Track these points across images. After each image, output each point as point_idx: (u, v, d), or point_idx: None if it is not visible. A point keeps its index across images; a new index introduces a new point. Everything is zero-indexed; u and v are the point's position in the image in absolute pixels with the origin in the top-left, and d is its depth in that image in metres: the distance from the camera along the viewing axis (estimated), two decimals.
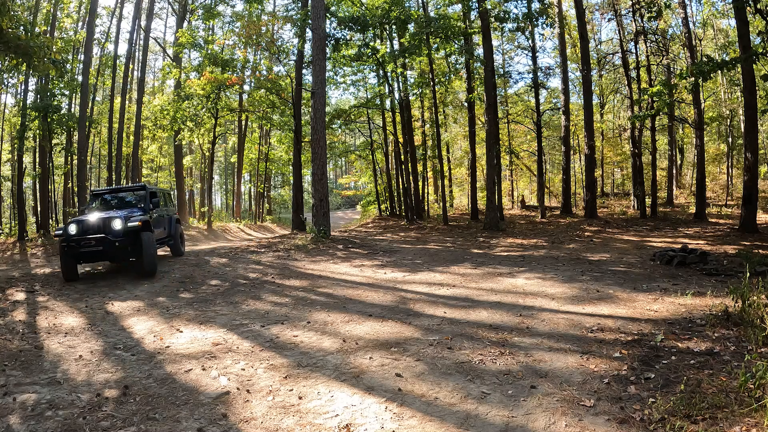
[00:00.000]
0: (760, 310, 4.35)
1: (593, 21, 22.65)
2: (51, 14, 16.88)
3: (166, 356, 4.21)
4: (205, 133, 20.74)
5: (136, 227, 7.97)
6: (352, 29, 15.84)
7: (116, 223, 7.89)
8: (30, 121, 16.10)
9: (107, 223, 7.93)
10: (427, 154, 21.75)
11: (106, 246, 7.80)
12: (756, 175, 12.24)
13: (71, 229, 7.81)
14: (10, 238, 15.67)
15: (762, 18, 10.67)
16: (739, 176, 21.14)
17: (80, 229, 7.85)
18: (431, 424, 2.88)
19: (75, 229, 7.83)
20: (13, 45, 10.23)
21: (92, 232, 7.81)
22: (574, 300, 5.80)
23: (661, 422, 2.72)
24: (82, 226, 7.88)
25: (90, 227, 7.89)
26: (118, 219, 7.91)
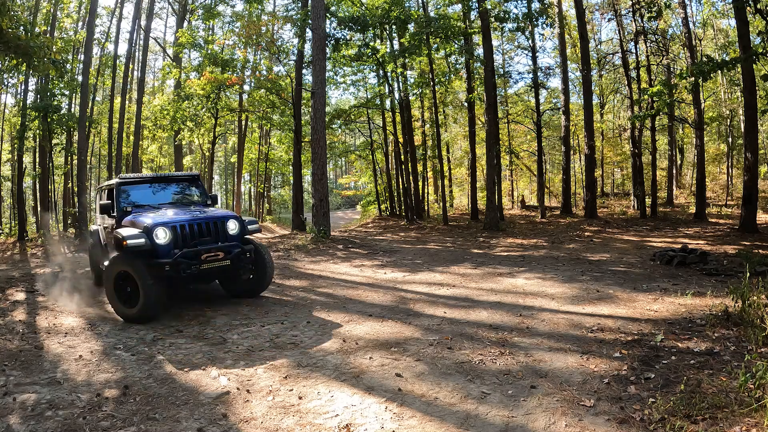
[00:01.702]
0: (760, 310, 4.35)
1: (593, 21, 22.65)
2: (51, 14, 16.87)
3: (166, 356, 4.21)
4: (205, 133, 20.73)
5: (257, 230, 6.44)
6: (352, 29, 15.83)
7: (231, 226, 5.99)
8: (30, 121, 16.09)
9: (220, 226, 5.90)
10: (427, 154, 21.74)
11: (234, 260, 5.82)
12: (756, 175, 12.24)
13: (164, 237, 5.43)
14: (10, 238, 15.67)
15: (762, 18, 10.66)
16: (739, 176, 21.14)
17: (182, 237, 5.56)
18: (431, 424, 2.88)
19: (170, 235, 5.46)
20: (13, 45, 10.22)
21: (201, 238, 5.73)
22: (574, 300, 5.80)
23: (661, 422, 2.72)
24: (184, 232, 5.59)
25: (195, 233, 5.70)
26: (233, 220, 6.06)
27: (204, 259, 5.57)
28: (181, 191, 7.14)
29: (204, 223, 5.79)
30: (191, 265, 5.47)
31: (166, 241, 5.43)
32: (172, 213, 6.01)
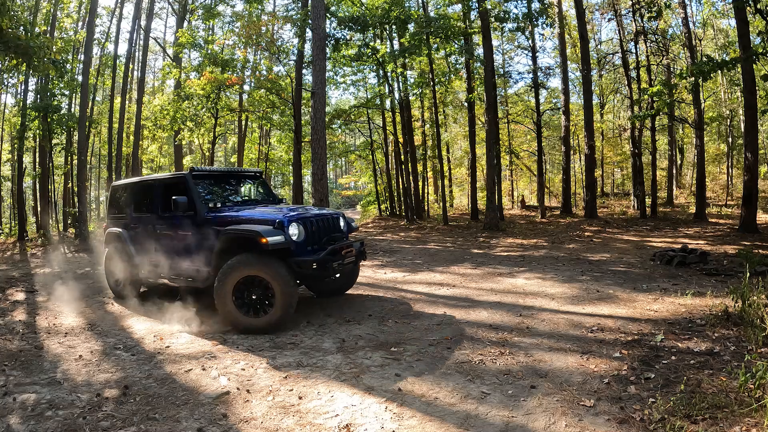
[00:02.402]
0: (760, 310, 4.35)
1: (593, 21, 22.65)
2: (51, 14, 16.87)
3: (166, 356, 4.21)
4: (205, 133, 20.72)
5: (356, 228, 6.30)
6: (352, 29, 15.83)
7: (341, 223, 5.87)
8: (30, 121, 16.09)
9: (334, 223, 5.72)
10: (427, 154, 21.75)
11: (358, 256, 5.76)
12: (756, 175, 12.23)
13: (298, 234, 5.01)
14: (10, 238, 15.67)
15: (762, 18, 10.66)
16: (739, 176, 21.15)
17: (311, 233, 5.21)
18: (431, 424, 2.88)
19: (303, 232, 5.09)
20: (13, 45, 10.23)
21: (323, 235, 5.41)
22: (574, 300, 5.80)
23: (661, 422, 2.72)
24: (312, 229, 5.25)
25: (321, 229, 5.41)
26: (342, 217, 5.95)
27: (344, 255, 5.35)
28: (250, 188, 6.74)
29: (324, 219, 5.52)
30: (335, 263, 5.14)
31: (301, 238, 5.01)
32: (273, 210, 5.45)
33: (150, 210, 6.08)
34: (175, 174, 6.11)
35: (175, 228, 5.71)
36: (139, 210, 6.32)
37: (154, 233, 5.98)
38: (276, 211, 5.31)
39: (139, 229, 6.23)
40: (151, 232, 6.03)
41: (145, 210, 6.21)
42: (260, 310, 4.85)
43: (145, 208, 6.25)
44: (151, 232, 6.01)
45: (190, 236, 5.51)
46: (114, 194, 6.99)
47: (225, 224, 5.20)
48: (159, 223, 5.92)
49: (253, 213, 5.30)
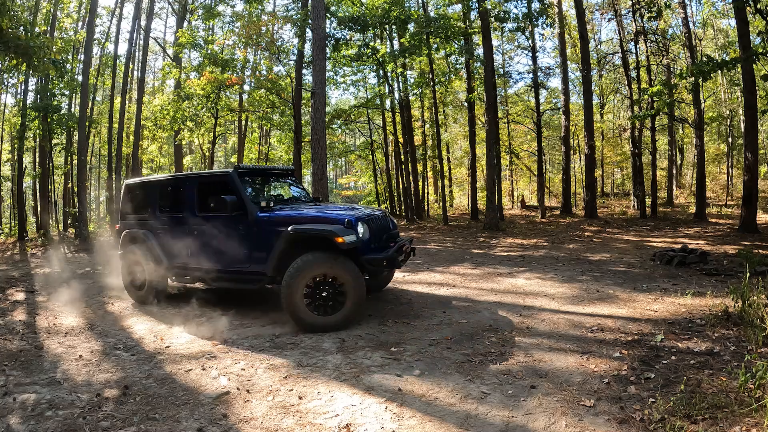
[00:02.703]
0: (760, 310, 4.35)
1: (593, 21, 22.66)
2: (51, 14, 16.87)
3: (166, 356, 4.21)
4: (205, 133, 20.72)
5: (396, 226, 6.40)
6: (352, 29, 15.83)
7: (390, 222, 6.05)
8: (30, 121, 16.10)
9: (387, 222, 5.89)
10: (427, 154, 21.76)
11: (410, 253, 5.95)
12: (756, 175, 12.24)
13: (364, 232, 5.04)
14: (10, 238, 15.67)
15: (762, 18, 10.66)
16: (739, 176, 21.15)
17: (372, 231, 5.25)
18: (431, 424, 2.88)
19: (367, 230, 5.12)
20: (13, 45, 10.23)
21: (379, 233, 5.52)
22: (574, 300, 5.80)
23: (661, 422, 2.72)
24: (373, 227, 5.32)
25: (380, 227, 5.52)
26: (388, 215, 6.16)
27: (406, 251, 5.45)
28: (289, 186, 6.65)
29: (380, 218, 5.57)
30: (399, 259, 5.20)
31: (367, 236, 5.04)
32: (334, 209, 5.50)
33: (181, 209, 5.86)
34: (216, 171, 6.19)
35: (218, 228, 5.51)
36: (165, 209, 6.06)
37: (190, 234, 5.73)
38: (337, 210, 5.38)
39: (167, 229, 5.96)
40: (184, 232, 5.79)
41: (175, 209, 5.97)
42: (330, 308, 4.86)
43: (173, 207, 6.00)
44: (185, 233, 5.77)
45: (239, 236, 5.36)
46: (130, 193, 6.60)
47: (286, 223, 5.09)
48: (196, 223, 5.68)
49: (317, 212, 5.27)
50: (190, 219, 5.75)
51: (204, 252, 5.62)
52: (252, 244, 5.29)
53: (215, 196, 5.58)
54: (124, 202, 6.62)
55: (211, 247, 5.56)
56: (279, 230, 5.10)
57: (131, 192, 6.62)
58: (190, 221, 5.75)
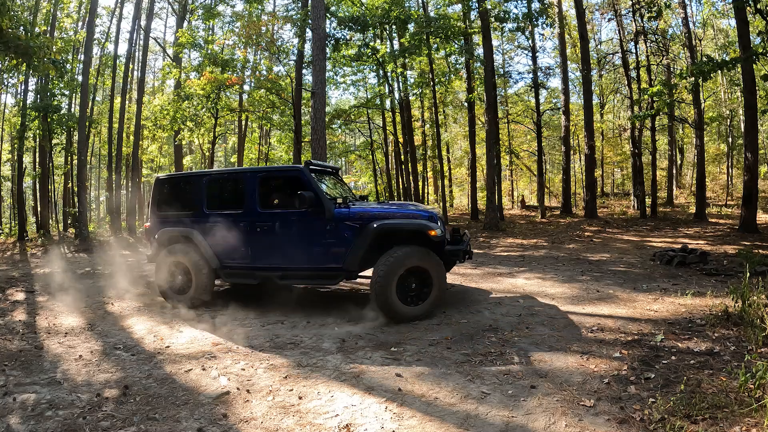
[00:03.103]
0: (760, 310, 4.35)
1: (593, 21, 22.67)
2: (51, 14, 16.88)
3: (166, 356, 4.21)
4: (205, 133, 20.72)
5: None
6: (352, 29, 15.84)
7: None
8: (30, 121, 16.11)
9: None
10: (427, 154, 21.77)
11: None
12: (756, 175, 12.24)
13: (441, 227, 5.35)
14: (10, 238, 15.67)
15: (762, 18, 10.66)
16: (739, 176, 21.15)
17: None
18: (431, 424, 2.88)
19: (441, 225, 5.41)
20: (13, 45, 10.22)
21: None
22: (574, 300, 5.80)
23: (661, 422, 2.72)
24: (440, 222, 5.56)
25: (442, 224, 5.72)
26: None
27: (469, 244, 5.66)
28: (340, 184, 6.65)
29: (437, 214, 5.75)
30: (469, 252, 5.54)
31: (443, 229, 5.34)
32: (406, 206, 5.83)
33: (239, 206, 5.69)
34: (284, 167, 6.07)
35: (290, 225, 5.46)
36: (215, 206, 5.82)
37: (252, 231, 5.55)
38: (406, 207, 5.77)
39: (219, 227, 5.68)
40: (244, 230, 5.58)
41: (229, 206, 5.79)
42: (417, 298, 5.08)
43: (227, 203, 5.84)
44: (246, 231, 5.58)
45: (314, 233, 5.35)
46: (165, 189, 6.18)
47: (365, 220, 5.20)
48: (260, 220, 5.53)
49: (395, 209, 5.58)
50: (251, 216, 5.57)
51: (272, 250, 5.53)
52: (328, 240, 5.30)
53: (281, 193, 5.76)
54: (158, 199, 6.14)
55: (281, 245, 5.49)
56: (357, 226, 5.21)
57: (167, 188, 6.20)
58: (251, 218, 5.57)
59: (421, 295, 5.10)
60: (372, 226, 5.11)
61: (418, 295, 5.10)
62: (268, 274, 5.61)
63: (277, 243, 5.51)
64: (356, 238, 5.18)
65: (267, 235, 5.52)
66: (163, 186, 6.22)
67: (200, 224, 5.80)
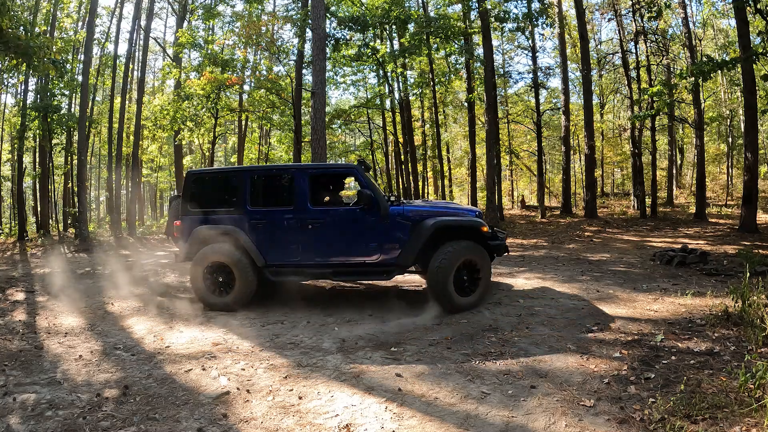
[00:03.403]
0: (760, 310, 4.35)
1: (593, 21, 22.66)
2: (51, 14, 16.87)
3: (166, 356, 4.21)
4: (205, 133, 20.72)
5: None
6: (352, 29, 15.84)
7: None
8: (30, 121, 16.10)
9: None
10: (427, 154, 21.77)
11: None
12: (756, 175, 12.24)
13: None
14: (10, 238, 15.67)
15: (762, 18, 10.66)
16: (739, 176, 21.15)
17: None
18: (431, 424, 2.88)
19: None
20: (13, 45, 10.22)
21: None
22: (574, 300, 5.80)
23: (661, 422, 2.72)
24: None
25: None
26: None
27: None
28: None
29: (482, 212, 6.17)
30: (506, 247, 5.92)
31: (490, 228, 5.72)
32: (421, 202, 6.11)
33: (288, 202, 5.65)
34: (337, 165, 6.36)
35: (344, 221, 5.56)
36: (260, 203, 5.71)
37: (303, 228, 5.54)
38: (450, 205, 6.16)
39: (266, 225, 5.61)
40: (295, 227, 5.55)
41: (277, 202, 5.76)
42: (468, 290, 5.43)
43: (274, 200, 5.79)
44: (297, 228, 5.55)
45: (370, 229, 5.49)
46: (200, 185, 5.98)
47: (422, 217, 5.48)
48: (312, 217, 5.54)
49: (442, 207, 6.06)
50: (303, 213, 5.55)
51: (324, 247, 5.57)
52: (383, 236, 5.47)
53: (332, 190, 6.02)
54: (191, 195, 5.82)
55: (334, 242, 5.55)
56: (410, 223, 5.48)
57: (201, 183, 6.01)
58: (303, 215, 5.55)
59: (471, 286, 5.45)
60: (429, 222, 5.37)
61: (470, 286, 5.45)
62: (319, 271, 5.66)
63: (331, 240, 5.54)
64: (411, 234, 5.42)
65: (319, 232, 5.53)
66: (197, 181, 5.99)
67: (244, 221, 5.64)
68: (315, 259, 5.60)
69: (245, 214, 5.65)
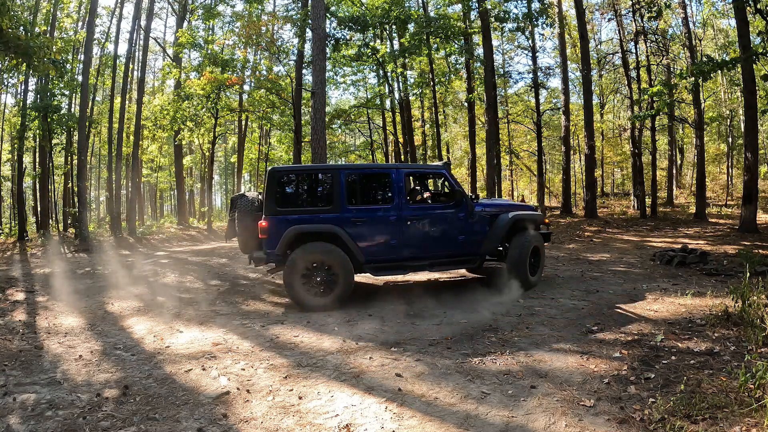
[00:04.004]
0: (760, 310, 4.35)
1: (593, 21, 22.64)
2: (51, 14, 16.86)
3: (166, 356, 4.21)
4: (205, 133, 20.73)
5: None
6: (352, 29, 15.85)
7: None
8: (30, 121, 16.09)
9: None
10: (427, 154, 21.77)
11: None
12: (756, 175, 12.24)
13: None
14: (10, 238, 15.66)
15: (762, 18, 10.66)
16: (739, 176, 21.15)
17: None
18: (431, 424, 2.88)
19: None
20: (13, 45, 10.22)
21: None
22: (574, 300, 5.80)
23: (661, 422, 2.72)
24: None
25: None
26: None
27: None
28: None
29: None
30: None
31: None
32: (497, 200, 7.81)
33: (385, 201, 6.04)
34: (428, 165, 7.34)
35: (439, 218, 6.13)
36: (356, 201, 5.82)
37: (402, 225, 5.86)
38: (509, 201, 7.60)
39: (365, 223, 5.77)
40: (393, 224, 5.84)
41: (374, 201, 6.11)
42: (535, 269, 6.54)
43: (370, 199, 6.11)
44: (396, 225, 5.84)
45: (460, 224, 6.18)
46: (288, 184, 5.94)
47: (498, 212, 6.46)
48: (410, 215, 5.93)
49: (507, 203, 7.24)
50: (401, 211, 5.90)
51: (421, 242, 6.00)
52: (470, 230, 6.24)
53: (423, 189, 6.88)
54: (278, 194, 5.68)
55: (430, 237, 6.05)
56: (489, 217, 6.37)
57: (290, 182, 5.95)
58: (401, 213, 5.89)
59: (535, 267, 6.53)
60: (507, 216, 6.34)
61: (535, 267, 6.51)
62: (417, 264, 6.08)
63: (427, 235, 6.03)
64: (490, 227, 6.31)
65: (416, 228, 5.97)
66: (283, 180, 5.87)
67: (342, 220, 5.67)
68: (414, 254, 5.98)
69: (344, 212, 5.70)
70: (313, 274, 5.60)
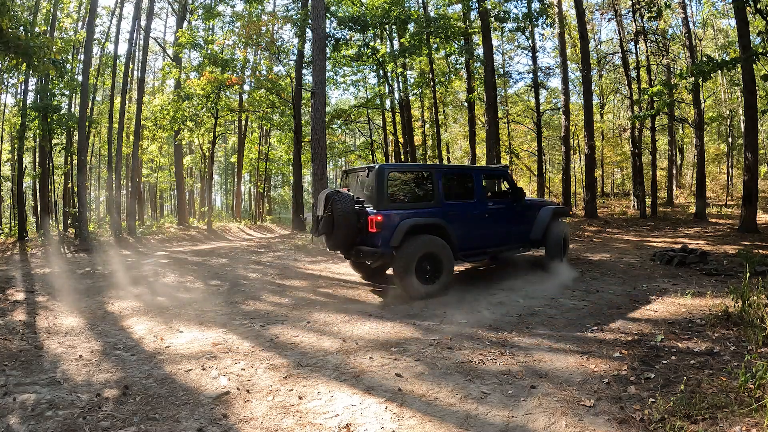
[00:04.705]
0: (760, 310, 4.35)
1: (593, 21, 22.65)
2: (51, 14, 16.86)
3: (166, 356, 4.21)
4: (205, 133, 20.73)
5: None
6: (352, 29, 15.84)
7: None
8: (30, 121, 16.08)
9: None
10: (427, 154, 21.77)
11: None
12: (756, 175, 12.24)
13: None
14: (10, 238, 15.66)
15: (762, 18, 10.66)
16: (739, 176, 21.16)
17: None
18: (431, 424, 2.88)
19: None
20: (13, 45, 10.21)
21: None
22: (574, 299, 5.80)
23: (661, 422, 2.72)
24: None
25: None
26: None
27: None
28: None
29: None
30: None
31: None
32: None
33: (468, 197, 6.78)
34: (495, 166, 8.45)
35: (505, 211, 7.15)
36: (449, 197, 6.54)
37: (481, 218, 6.76)
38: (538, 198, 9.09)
39: (458, 216, 6.46)
40: (478, 217, 6.73)
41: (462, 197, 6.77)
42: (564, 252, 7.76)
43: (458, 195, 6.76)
44: (479, 218, 6.74)
45: (517, 216, 7.31)
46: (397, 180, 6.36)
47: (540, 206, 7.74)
48: (487, 209, 6.86)
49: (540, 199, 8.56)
50: (482, 205, 6.82)
51: (496, 232, 6.99)
52: (523, 221, 7.40)
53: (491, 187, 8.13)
54: (389, 189, 6.04)
55: (501, 227, 7.06)
56: (533, 210, 7.56)
57: (399, 180, 6.40)
58: (482, 207, 6.80)
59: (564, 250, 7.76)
60: (548, 209, 7.63)
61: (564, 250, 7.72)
62: (492, 250, 6.98)
63: (499, 225, 7.01)
64: (535, 218, 7.50)
65: (492, 220, 6.88)
66: (394, 176, 6.33)
67: (442, 213, 6.28)
68: (491, 242, 6.94)
69: (443, 207, 6.35)
70: (421, 264, 5.99)
